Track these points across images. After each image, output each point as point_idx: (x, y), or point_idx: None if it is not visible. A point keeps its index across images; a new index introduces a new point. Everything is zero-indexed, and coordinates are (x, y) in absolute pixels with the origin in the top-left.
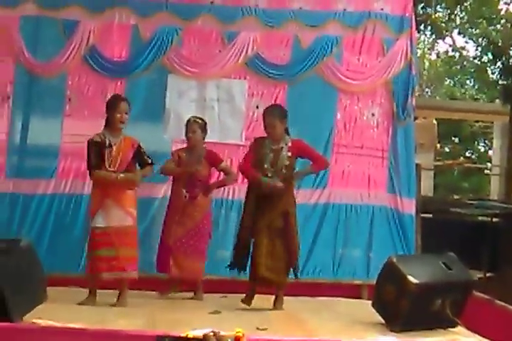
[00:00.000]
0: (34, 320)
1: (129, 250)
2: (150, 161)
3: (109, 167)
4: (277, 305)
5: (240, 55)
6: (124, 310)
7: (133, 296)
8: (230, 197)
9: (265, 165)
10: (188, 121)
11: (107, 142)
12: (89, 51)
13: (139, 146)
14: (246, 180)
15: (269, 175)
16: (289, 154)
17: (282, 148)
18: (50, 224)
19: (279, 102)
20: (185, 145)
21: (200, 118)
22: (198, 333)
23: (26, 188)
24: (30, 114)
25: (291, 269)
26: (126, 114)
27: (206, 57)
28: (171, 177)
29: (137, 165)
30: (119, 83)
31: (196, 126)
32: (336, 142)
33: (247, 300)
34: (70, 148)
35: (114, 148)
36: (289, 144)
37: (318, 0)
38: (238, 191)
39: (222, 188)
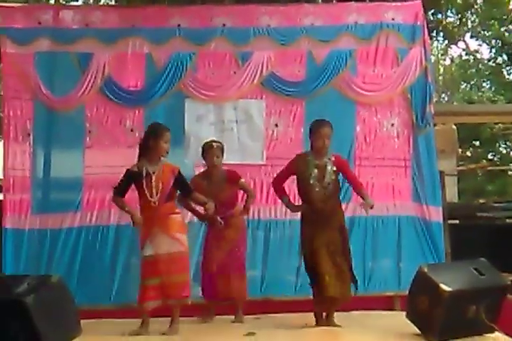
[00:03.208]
0: None
1: (177, 276)
2: (191, 190)
3: (150, 197)
4: (330, 320)
5: (255, 75)
6: (160, 337)
7: (166, 323)
8: (256, 217)
9: (311, 181)
10: (211, 146)
11: (145, 171)
12: (105, 82)
13: (179, 173)
14: (269, 200)
15: (317, 189)
16: (334, 169)
17: (327, 163)
18: (78, 257)
19: (298, 119)
20: (202, 171)
21: (219, 142)
22: None
23: (53, 223)
24: (52, 148)
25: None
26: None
27: (222, 79)
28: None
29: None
30: (137, 112)
31: (219, 151)
32: (357, 155)
33: (320, 321)
34: (93, 179)
35: (154, 177)
36: (332, 159)
37: (329, 15)
38: (263, 211)
39: None
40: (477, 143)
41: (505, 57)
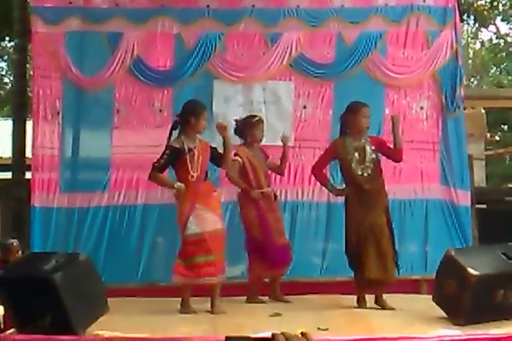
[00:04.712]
0: (97, 332)
1: (222, 254)
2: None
3: (193, 172)
4: (382, 302)
5: (284, 56)
6: (187, 317)
7: (195, 303)
8: (283, 199)
9: (353, 165)
10: (259, 120)
11: (186, 147)
12: (134, 62)
13: (212, 147)
14: (296, 182)
15: (360, 172)
16: (373, 148)
17: (365, 143)
18: (105, 236)
19: (326, 101)
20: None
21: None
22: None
23: (81, 201)
24: (80, 127)
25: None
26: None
27: (250, 60)
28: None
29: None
30: (165, 92)
31: (263, 126)
32: (385, 138)
33: (362, 302)
34: (121, 159)
35: (196, 152)
36: (368, 139)
37: None
38: (290, 193)
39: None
40: (506, 127)
41: None
